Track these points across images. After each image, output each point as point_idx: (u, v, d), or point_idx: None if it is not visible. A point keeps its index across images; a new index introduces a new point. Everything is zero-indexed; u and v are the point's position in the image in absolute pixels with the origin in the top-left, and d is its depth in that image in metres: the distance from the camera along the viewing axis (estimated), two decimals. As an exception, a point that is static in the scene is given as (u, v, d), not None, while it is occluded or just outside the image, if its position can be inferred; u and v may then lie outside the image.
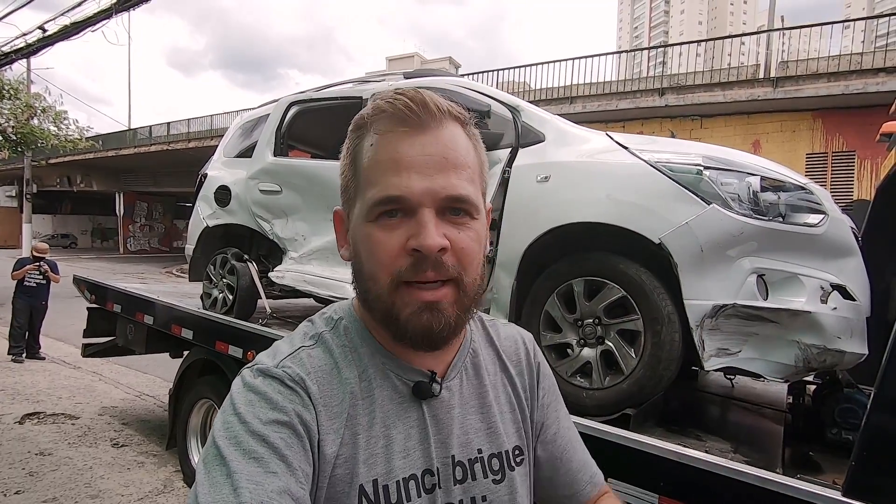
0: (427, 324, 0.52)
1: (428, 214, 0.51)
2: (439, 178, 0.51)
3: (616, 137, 2.00)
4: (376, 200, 0.52)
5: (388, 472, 0.53)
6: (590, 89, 11.83)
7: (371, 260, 0.53)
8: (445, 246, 0.51)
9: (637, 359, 1.73)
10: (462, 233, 0.53)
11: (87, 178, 27.16)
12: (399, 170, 0.51)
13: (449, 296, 0.52)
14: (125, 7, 7.09)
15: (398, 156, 0.52)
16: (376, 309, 0.54)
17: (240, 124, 3.74)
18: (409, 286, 0.51)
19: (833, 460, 1.64)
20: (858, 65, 9.17)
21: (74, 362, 6.03)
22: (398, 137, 0.52)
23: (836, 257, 1.72)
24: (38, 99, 12.81)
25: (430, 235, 0.50)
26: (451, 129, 0.54)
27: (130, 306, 3.73)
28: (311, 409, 0.51)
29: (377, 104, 0.54)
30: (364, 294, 0.56)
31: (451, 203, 0.52)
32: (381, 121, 0.54)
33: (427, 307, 0.52)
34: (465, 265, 0.53)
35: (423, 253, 0.50)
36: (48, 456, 3.53)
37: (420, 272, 0.51)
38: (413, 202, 0.51)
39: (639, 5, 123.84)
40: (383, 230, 0.52)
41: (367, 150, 0.54)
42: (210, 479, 0.45)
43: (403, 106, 0.52)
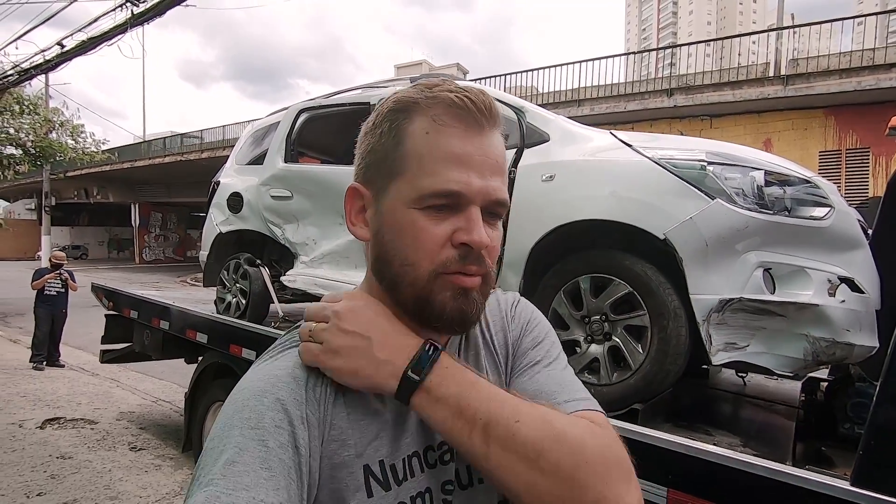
0: (463, 308, 0.54)
1: (477, 212, 0.54)
2: (492, 180, 0.54)
3: (620, 135, 2.02)
4: (434, 191, 0.53)
5: (393, 451, 0.55)
6: (598, 91, 11.82)
7: (412, 246, 0.54)
8: (489, 244, 0.55)
9: (644, 354, 1.73)
10: (494, 232, 0.57)
11: (103, 189, 27.72)
12: (461, 166, 0.53)
13: (479, 285, 0.56)
14: (139, 22, 7.27)
15: (462, 152, 0.53)
16: (407, 293, 0.55)
17: (251, 132, 3.81)
18: (447, 275, 0.54)
19: (845, 455, 1.62)
20: (871, 61, 9.05)
21: (93, 369, 6.15)
22: (461, 133, 0.53)
23: (844, 250, 1.71)
24: (56, 113, 13.13)
25: (481, 233, 0.53)
26: (498, 135, 0.57)
27: (147, 312, 3.80)
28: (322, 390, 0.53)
29: (438, 93, 0.54)
30: (394, 276, 0.55)
31: (495, 206, 0.55)
32: (440, 111, 0.54)
33: (462, 293, 0.54)
34: (492, 259, 0.57)
35: (471, 248, 0.53)
36: (68, 459, 3.61)
37: (465, 265, 0.54)
38: (468, 199, 0.53)
39: (647, 7, 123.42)
40: (430, 219, 0.53)
41: (419, 136, 0.54)
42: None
43: (471, 103, 0.54)
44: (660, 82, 11.22)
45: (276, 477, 0.45)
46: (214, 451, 0.46)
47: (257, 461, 0.45)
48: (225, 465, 0.45)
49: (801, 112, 9.76)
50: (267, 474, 0.45)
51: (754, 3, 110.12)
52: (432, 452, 0.59)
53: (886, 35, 9.51)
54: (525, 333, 0.68)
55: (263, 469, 0.45)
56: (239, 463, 0.45)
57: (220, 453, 0.46)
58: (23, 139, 12.32)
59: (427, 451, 0.58)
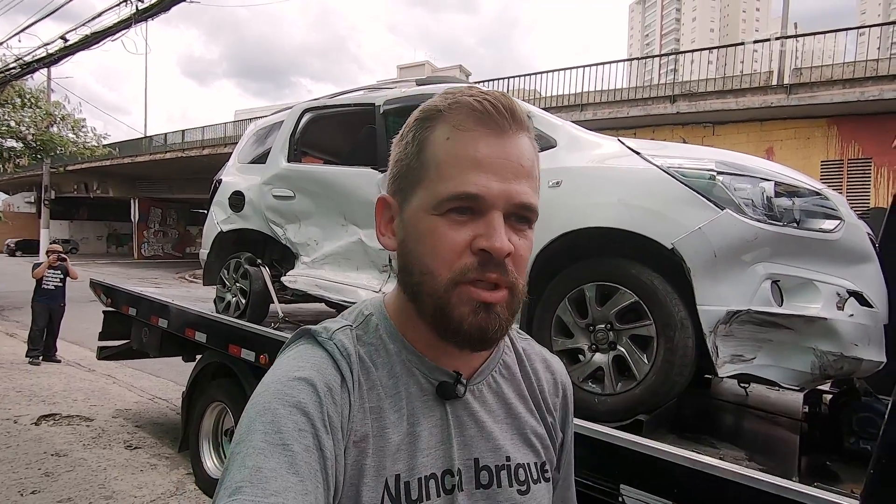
0: (483, 324, 0.52)
1: (498, 218, 0.51)
2: (515, 184, 0.52)
3: (627, 143, 2.00)
4: (451, 195, 0.51)
5: (410, 469, 0.53)
6: (601, 96, 11.83)
7: (431, 254, 0.52)
8: (511, 251, 0.52)
9: (650, 364, 1.71)
10: (522, 240, 0.53)
11: (103, 184, 27.68)
12: (479, 169, 0.51)
13: (504, 299, 0.53)
14: (143, 17, 7.25)
15: (479, 155, 0.51)
16: (427, 304, 0.53)
17: (254, 131, 3.79)
18: (467, 285, 0.51)
19: (851, 470, 1.61)
20: (874, 71, 9.06)
21: (89, 365, 6.12)
22: (479, 136, 0.52)
23: (853, 263, 1.70)
24: (57, 107, 13.10)
25: (501, 238, 0.50)
26: (524, 138, 0.54)
27: (145, 310, 3.78)
28: (347, 393, 0.52)
29: (459, 99, 0.54)
30: (415, 287, 0.54)
31: (520, 210, 0.53)
32: (461, 117, 0.53)
33: (484, 307, 0.52)
34: (520, 272, 0.54)
35: (490, 254, 0.51)
36: (63, 457, 3.58)
37: (484, 273, 0.51)
38: (488, 203, 0.51)
39: (650, 13, 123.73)
40: (450, 226, 0.52)
41: (440, 142, 0.53)
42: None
43: (491, 107, 0.52)
44: (663, 88, 11.22)
45: (305, 482, 0.44)
46: (239, 457, 0.45)
47: (284, 466, 0.44)
48: (252, 471, 0.44)
49: (803, 121, 9.76)
50: (295, 479, 0.44)
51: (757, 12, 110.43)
52: (450, 477, 0.56)
53: (890, 46, 9.50)
54: (567, 425, 0.70)
55: (291, 474, 0.44)
56: (265, 468, 0.44)
57: (245, 458, 0.45)
58: (23, 132, 12.29)
59: (445, 476, 0.55)
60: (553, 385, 0.68)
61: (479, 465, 0.57)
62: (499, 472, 0.57)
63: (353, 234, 2.79)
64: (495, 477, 0.57)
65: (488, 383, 0.61)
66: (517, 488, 0.58)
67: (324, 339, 0.55)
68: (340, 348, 0.54)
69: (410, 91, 2.77)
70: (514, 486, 0.58)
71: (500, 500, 0.57)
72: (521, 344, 0.68)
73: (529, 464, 0.60)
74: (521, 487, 0.58)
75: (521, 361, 0.66)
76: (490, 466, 0.57)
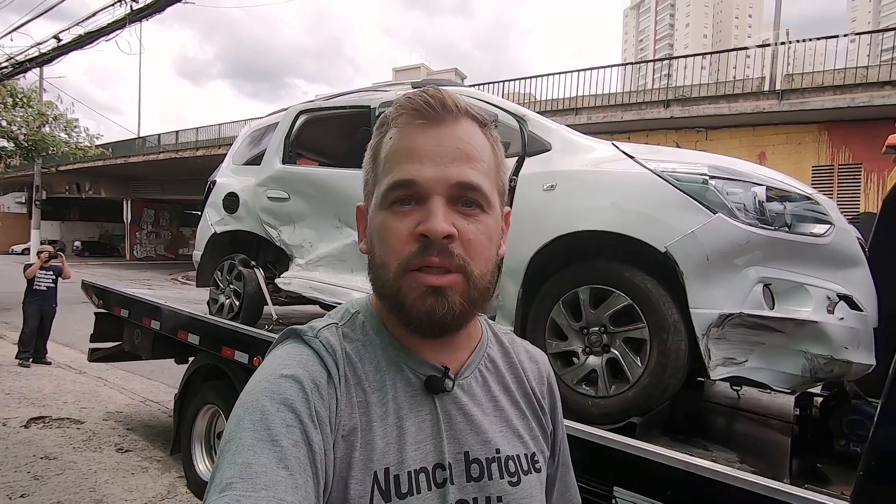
0: (431, 308, 0.53)
1: (437, 202, 0.52)
2: (451, 167, 0.53)
3: (622, 147, 2.02)
4: (389, 185, 0.54)
5: (399, 462, 0.53)
6: (595, 101, 11.89)
7: (383, 247, 0.55)
8: (452, 233, 0.52)
9: (643, 367, 1.72)
10: (471, 224, 0.54)
11: (95, 185, 27.46)
12: (413, 157, 0.53)
13: (457, 284, 0.53)
14: (138, 18, 7.22)
15: (413, 144, 0.54)
16: (386, 296, 0.56)
17: (249, 132, 3.79)
18: (414, 272, 0.53)
19: (841, 472, 1.62)
20: (864, 78, 9.18)
21: (80, 367, 6.05)
22: (415, 129, 0.55)
23: (843, 267, 1.72)
24: (49, 107, 13.00)
25: (436, 221, 0.51)
26: (467, 126, 0.56)
27: (138, 311, 3.75)
28: (334, 387, 0.53)
29: (399, 101, 0.57)
30: (376, 282, 0.57)
31: (462, 191, 0.53)
32: (401, 116, 0.56)
33: (432, 291, 0.52)
34: (472, 256, 0.54)
35: (429, 238, 0.52)
36: (53, 460, 3.54)
37: (426, 257, 0.52)
38: (424, 188, 0.52)
39: (644, 18, 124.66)
40: (395, 217, 0.54)
41: (386, 144, 0.57)
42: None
43: (423, 101, 0.55)
44: (657, 93, 11.30)
45: (294, 476, 0.45)
46: (229, 454, 0.46)
47: (274, 461, 0.45)
48: (242, 467, 0.44)
49: (795, 126, 9.86)
50: (285, 473, 0.44)
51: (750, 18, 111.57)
52: (441, 471, 0.56)
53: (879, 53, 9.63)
54: (556, 415, 0.71)
55: (281, 468, 0.45)
56: (255, 464, 0.44)
57: (234, 455, 0.45)
58: (15, 132, 12.19)
59: (436, 469, 0.56)
60: (538, 375, 0.70)
61: (470, 459, 0.57)
62: (489, 465, 0.58)
63: (347, 235, 2.79)
64: (486, 469, 0.58)
65: (475, 377, 0.62)
66: (508, 480, 0.59)
67: (309, 338, 0.56)
68: (326, 345, 0.56)
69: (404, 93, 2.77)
70: (504, 477, 0.58)
71: (492, 492, 0.57)
72: (504, 338, 0.70)
73: (519, 455, 0.61)
74: (512, 479, 0.59)
75: (507, 354, 0.68)
76: (480, 459, 0.58)
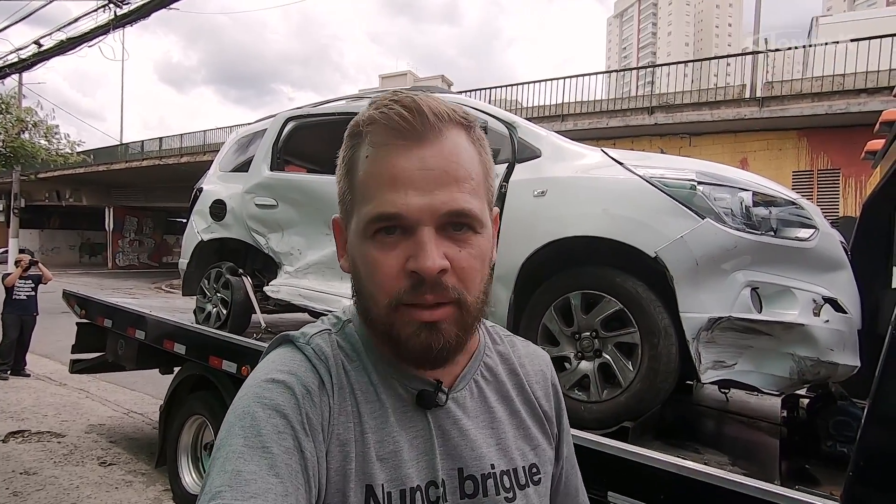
0: (426, 343, 0.51)
1: (427, 233, 0.49)
2: (440, 194, 0.49)
3: (611, 153, 2.04)
4: (372, 217, 0.50)
5: (393, 478, 0.52)
6: (581, 107, 12.03)
7: (370, 280, 0.52)
8: (445, 267, 0.49)
9: (635, 372, 1.74)
10: (463, 251, 0.51)
11: (76, 192, 26.94)
12: (396, 186, 0.48)
13: (449, 316, 0.51)
14: (122, 24, 7.14)
15: (395, 170, 0.49)
16: (376, 329, 0.54)
17: (236, 139, 3.76)
18: (407, 307, 0.50)
19: (829, 473, 1.65)
20: (841, 85, 9.43)
21: (60, 379, 5.91)
22: (395, 151, 0.49)
23: (827, 271, 1.75)
24: (29, 113, 12.77)
25: (429, 257, 0.48)
26: (452, 138, 0.51)
27: (121, 321, 3.68)
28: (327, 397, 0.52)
29: (370, 114, 0.51)
30: (364, 313, 0.55)
31: (453, 218, 0.50)
32: (375, 131, 0.51)
33: (426, 327, 0.50)
34: (467, 284, 0.51)
35: (421, 275, 0.48)
36: (33, 475, 3.44)
37: (419, 295, 0.49)
38: (411, 220, 0.48)
39: (627, 27, 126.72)
40: (381, 249, 0.50)
41: (362, 162, 0.52)
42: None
43: (398, 116, 0.49)
44: (641, 100, 11.48)
45: (285, 483, 0.44)
46: (219, 462, 0.45)
47: (264, 468, 0.44)
48: (232, 474, 0.43)
49: (775, 133, 10.08)
50: (276, 481, 0.44)
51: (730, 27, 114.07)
52: (434, 489, 0.54)
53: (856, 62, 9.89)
54: (561, 417, 0.69)
55: (272, 476, 0.44)
56: (245, 472, 0.44)
57: (224, 462, 0.45)
58: (-7, 139, 11.94)
59: (429, 487, 0.54)
60: (541, 377, 0.68)
61: (464, 475, 0.56)
62: (484, 481, 0.56)
63: (340, 264, 2.77)
64: (481, 486, 0.56)
65: (470, 389, 0.60)
66: (504, 496, 0.57)
67: (302, 344, 0.55)
68: (318, 352, 0.54)
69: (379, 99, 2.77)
70: (500, 493, 0.57)
71: None
72: (503, 341, 0.67)
73: (516, 469, 0.59)
74: (508, 494, 0.57)
75: (507, 360, 0.65)
76: (475, 475, 0.56)
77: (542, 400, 0.66)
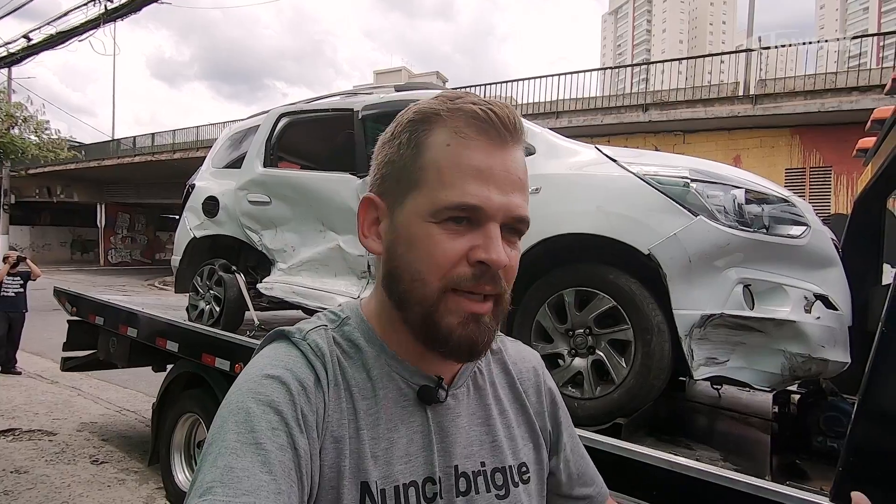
0: (472, 336, 0.52)
1: (496, 229, 0.51)
2: (514, 197, 0.52)
3: (605, 150, 2.04)
4: (453, 204, 0.51)
5: (387, 475, 0.52)
6: (575, 104, 12.03)
7: (425, 260, 0.51)
8: (507, 263, 0.52)
9: (628, 368, 1.74)
10: (514, 251, 0.54)
11: (67, 188, 26.68)
12: (482, 180, 0.51)
13: (491, 310, 0.53)
14: (112, 18, 7.06)
15: (483, 165, 0.51)
16: (415, 312, 0.53)
17: (229, 135, 3.73)
18: (457, 294, 0.51)
19: (819, 468, 1.66)
20: (833, 84, 9.48)
21: (52, 377, 5.86)
22: (482, 147, 0.52)
23: (819, 268, 1.76)
24: (19, 108, 12.62)
25: (499, 251, 0.51)
26: (521, 151, 0.55)
27: (113, 319, 3.65)
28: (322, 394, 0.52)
29: (462, 106, 0.53)
30: (402, 294, 0.53)
31: (516, 223, 0.53)
32: (464, 124, 0.52)
33: (473, 318, 0.52)
34: (510, 282, 0.54)
35: (488, 266, 0.51)
36: (24, 474, 3.41)
37: (479, 284, 0.51)
38: (488, 214, 0.51)
39: (622, 24, 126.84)
40: (447, 234, 0.51)
41: (440, 147, 0.52)
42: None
43: (496, 117, 0.52)
44: (635, 97, 11.50)
45: (278, 480, 0.44)
46: (211, 457, 0.45)
47: (257, 465, 0.44)
48: (224, 470, 0.43)
49: (768, 130, 10.13)
50: (268, 478, 0.43)
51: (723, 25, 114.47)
52: (431, 485, 0.54)
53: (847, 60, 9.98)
54: (557, 412, 0.70)
55: (264, 473, 0.44)
56: (237, 468, 0.43)
57: (216, 458, 0.44)
58: (-18, 134, 11.79)
59: (426, 484, 0.54)
60: (532, 376, 0.69)
61: (458, 472, 0.56)
62: (475, 479, 0.57)
63: (330, 240, 2.76)
64: (473, 483, 0.57)
65: (467, 386, 0.61)
66: (495, 493, 0.58)
67: (297, 340, 0.55)
68: (314, 347, 0.54)
69: (389, 97, 2.76)
70: (491, 491, 0.58)
71: None
72: (496, 341, 0.69)
73: (509, 467, 0.60)
74: (500, 492, 0.58)
75: (500, 359, 0.67)
76: (468, 473, 0.57)
77: (533, 398, 0.67)
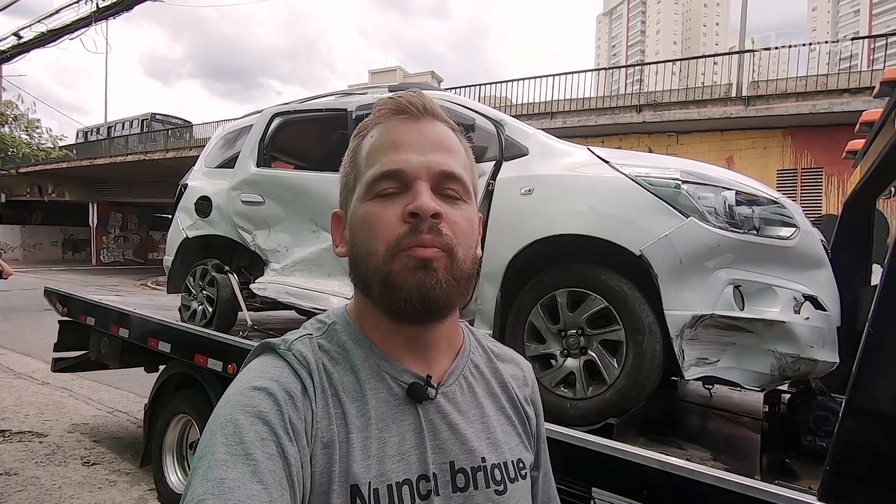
0: (420, 281, 0.53)
1: (423, 185, 0.54)
2: (434, 156, 0.55)
3: (597, 152, 2.05)
4: (376, 176, 0.55)
5: (380, 474, 0.52)
6: (570, 105, 12.07)
7: (369, 234, 0.55)
8: (440, 211, 0.53)
9: (619, 369, 1.75)
10: (454, 209, 0.56)
11: (59, 187, 26.44)
12: (398, 148, 0.55)
13: (442, 259, 0.54)
14: (104, 15, 7.00)
15: (397, 137, 0.56)
16: (374, 283, 0.55)
17: (222, 135, 3.71)
18: (405, 252, 0.53)
19: (808, 467, 1.68)
20: (824, 85, 9.57)
21: (43, 378, 5.80)
22: (398, 123, 0.57)
23: (808, 269, 1.78)
24: (9, 107, 12.50)
25: (426, 199, 0.53)
26: (444, 127, 0.59)
27: (105, 319, 3.62)
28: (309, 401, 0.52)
29: (379, 103, 0.59)
30: (362, 274, 0.56)
31: (445, 180, 0.55)
32: (381, 116, 0.58)
33: (421, 265, 0.53)
34: (459, 238, 0.55)
35: (419, 216, 0.53)
36: (14, 476, 3.38)
37: (417, 234, 0.53)
38: (410, 175, 0.54)
39: (616, 25, 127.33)
40: (381, 205, 0.55)
41: (367, 143, 0.58)
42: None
43: (405, 100, 0.57)
44: (629, 98, 11.55)
45: (269, 489, 0.44)
46: (201, 470, 0.45)
47: (247, 475, 0.44)
48: (215, 482, 0.43)
49: (761, 132, 10.22)
50: (259, 487, 0.44)
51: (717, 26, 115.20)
52: (426, 482, 0.55)
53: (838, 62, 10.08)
54: (539, 423, 0.71)
55: (255, 482, 0.44)
56: (228, 479, 0.43)
57: (207, 470, 0.44)
58: (-28, 133, 11.67)
59: (420, 481, 0.55)
60: (522, 381, 0.70)
61: (455, 468, 0.57)
62: (475, 474, 0.57)
63: (324, 240, 2.75)
64: (471, 479, 0.57)
65: (459, 384, 0.62)
66: (494, 489, 0.58)
67: (283, 351, 0.56)
68: (299, 357, 0.55)
69: (383, 97, 2.76)
70: (490, 486, 0.58)
71: (478, 501, 0.57)
72: (487, 343, 0.70)
73: (506, 462, 0.61)
74: (499, 487, 0.59)
75: (490, 360, 0.68)
76: (466, 469, 0.57)
77: (524, 401, 0.68)
